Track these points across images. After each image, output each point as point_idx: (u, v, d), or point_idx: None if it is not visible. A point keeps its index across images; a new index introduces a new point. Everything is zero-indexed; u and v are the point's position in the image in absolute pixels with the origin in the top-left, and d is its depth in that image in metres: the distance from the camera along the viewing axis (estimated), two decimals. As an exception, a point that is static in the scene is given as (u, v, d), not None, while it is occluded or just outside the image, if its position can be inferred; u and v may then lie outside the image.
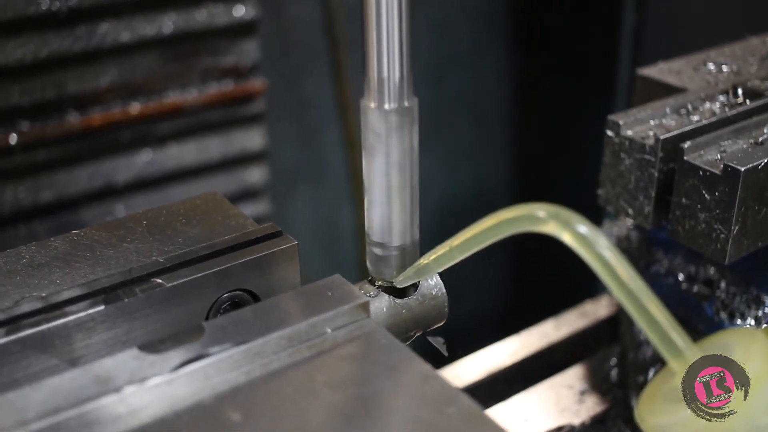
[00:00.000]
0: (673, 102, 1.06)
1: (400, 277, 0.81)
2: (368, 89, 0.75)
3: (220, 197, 0.90)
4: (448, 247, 0.76)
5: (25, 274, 0.78)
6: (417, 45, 2.67)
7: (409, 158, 0.78)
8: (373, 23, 0.72)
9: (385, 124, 0.75)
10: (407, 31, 0.73)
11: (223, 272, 0.77)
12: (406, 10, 0.72)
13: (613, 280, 0.69)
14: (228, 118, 1.86)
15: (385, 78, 0.74)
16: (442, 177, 2.66)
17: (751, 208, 0.93)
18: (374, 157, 0.77)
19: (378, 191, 0.78)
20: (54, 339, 0.71)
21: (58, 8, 1.59)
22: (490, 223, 0.72)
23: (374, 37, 0.72)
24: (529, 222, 0.69)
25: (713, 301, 1.11)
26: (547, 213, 0.68)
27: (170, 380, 0.65)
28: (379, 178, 0.77)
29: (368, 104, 0.75)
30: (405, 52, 0.74)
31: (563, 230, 0.68)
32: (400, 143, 0.76)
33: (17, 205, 1.69)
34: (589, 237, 0.67)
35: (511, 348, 1.30)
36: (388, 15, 0.71)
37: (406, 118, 0.76)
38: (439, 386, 0.66)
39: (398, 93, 0.75)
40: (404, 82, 0.75)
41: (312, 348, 0.71)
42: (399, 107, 0.75)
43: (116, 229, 0.84)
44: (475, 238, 0.74)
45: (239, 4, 1.78)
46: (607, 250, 0.68)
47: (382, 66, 0.73)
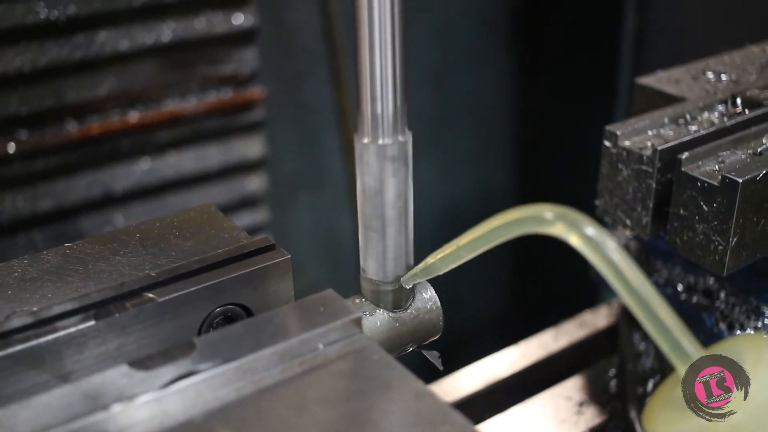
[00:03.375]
0: (671, 112, 1.05)
1: (407, 277, 0.81)
2: (362, 125, 0.75)
3: (215, 209, 0.90)
4: (455, 246, 0.76)
5: (17, 288, 0.77)
6: (419, 50, 2.67)
7: (404, 193, 0.78)
8: (366, 60, 0.72)
9: (380, 160, 0.75)
10: (401, 67, 0.73)
11: (216, 286, 0.77)
12: (400, 47, 0.72)
13: (621, 283, 0.67)
14: (227, 127, 1.85)
15: (379, 114, 0.74)
16: (444, 182, 2.66)
17: (749, 220, 0.93)
18: (369, 192, 0.77)
19: (374, 226, 0.78)
20: (44, 354, 0.71)
21: (56, 17, 1.59)
22: (498, 223, 0.71)
23: (368, 73, 0.73)
24: (537, 223, 0.68)
25: (712, 311, 1.10)
26: (555, 214, 0.67)
27: (160, 397, 0.65)
28: (374, 213, 0.78)
29: (362, 140, 0.76)
30: (399, 88, 0.74)
31: (570, 232, 0.66)
32: (394, 178, 0.77)
33: (16, 214, 1.69)
34: (597, 239, 0.66)
35: (510, 358, 1.30)
36: (382, 52, 0.72)
37: (400, 154, 0.76)
38: (432, 404, 0.65)
39: (392, 128, 0.75)
40: (398, 118, 0.75)
41: (304, 364, 0.70)
42: (393, 143, 0.75)
43: (109, 242, 0.84)
44: (483, 237, 0.73)
45: (238, 12, 1.78)
46: (615, 252, 0.66)
47: (375, 102, 0.74)
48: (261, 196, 1.96)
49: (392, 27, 0.71)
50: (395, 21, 0.71)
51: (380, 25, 0.71)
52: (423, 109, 2.54)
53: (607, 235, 0.67)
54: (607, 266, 0.67)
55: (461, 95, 2.63)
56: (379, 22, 0.71)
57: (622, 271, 0.67)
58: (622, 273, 0.67)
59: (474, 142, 2.72)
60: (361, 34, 0.72)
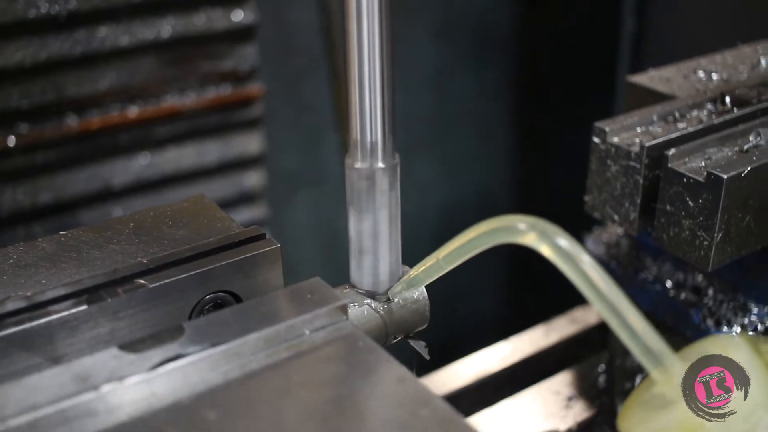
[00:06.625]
0: (660, 109, 1.07)
1: (392, 291, 0.84)
2: (352, 149, 0.78)
3: (208, 200, 0.91)
4: (435, 258, 0.79)
5: (12, 273, 0.79)
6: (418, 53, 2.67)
7: (394, 214, 0.81)
8: (356, 87, 0.75)
9: (369, 184, 0.79)
10: (390, 93, 0.76)
11: (206, 274, 0.78)
12: (388, 73, 0.75)
13: (591, 291, 0.69)
14: (226, 122, 1.87)
15: (368, 140, 0.77)
16: (444, 183, 2.67)
17: (734, 216, 0.94)
18: (359, 213, 0.81)
19: (365, 245, 0.82)
20: (37, 337, 0.72)
21: (57, 12, 1.61)
22: (473, 234, 0.74)
23: (357, 100, 0.75)
24: (510, 234, 0.71)
25: (700, 308, 1.11)
26: (527, 225, 0.70)
27: (148, 379, 0.66)
28: (365, 233, 0.81)
29: (352, 164, 0.79)
30: (387, 114, 0.76)
31: (542, 242, 0.69)
32: (384, 200, 0.80)
33: (16, 207, 1.71)
34: (567, 249, 0.68)
35: (501, 353, 1.31)
36: (371, 79, 0.74)
37: (388, 177, 0.79)
38: (414, 389, 0.67)
39: (381, 153, 0.78)
40: (387, 143, 0.78)
41: (290, 349, 0.71)
42: (382, 167, 0.78)
43: (103, 231, 0.85)
44: (460, 248, 0.76)
45: (238, 9, 1.79)
46: (584, 262, 0.69)
47: (365, 128, 0.77)
48: (259, 192, 1.97)
49: (381, 63, 0.74)
50: (384, 59, 0.74)
51: (369, 63, 0.74)
52: (423, 111, 2.55)
53: (576, 246, 0.69)
54: (577, 275, 0.69)
55: (461, 97, 2.64)
56: (368, 58, 0.74)
57: (592, 280, 0.69)
58: (592, 282, 0.69)
59: (473, 143, 2.73)
60: (352, 71, 0.75)
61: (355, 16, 0.73)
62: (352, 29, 0.73)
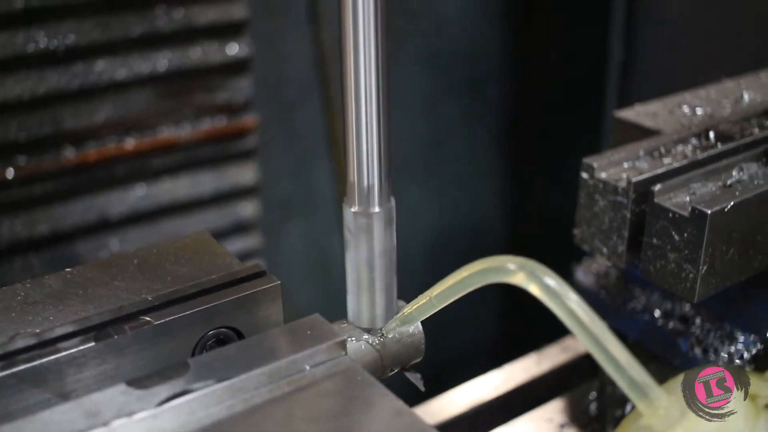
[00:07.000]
0: (647, 145, 1.09)
1: (387, 327, 0.87)
2: (349, 193, 0.81)
3: (208, 236, 0.94)
4: (428, 297, 0.82)
5: (20, 310, 0.81)
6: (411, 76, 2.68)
7: (389, 254, 0.84)
8: (352, 133, 0.78)
9: (366, 227, 0.81)
10: (386, 138, 0.79)
11: (209, 311, 0.81)
12: (385, 119, 0.78)
13: (578, 328, 0.73)
14: (221, 154, 1.89)
15: (365, 186, 0.80)
16: (436, 207, 2.69)
17: (718, 249, 0.97)
18: (356, 254, 0.83)
19: (362, 283, 0.84)
20: (47, 374, 0.75)
21: (55, 46, 1.64)
22: (465, 273, 0.78)
23: (354, 144, 0.78)
24: (500, 273, 0.74)
25: (688, 336, 1.14)
26: (517, 265, 0.73)
27: (156, 414, 0.69)
28: (362, 272, 0.84)
29: (349, 208, 0.82)
30: (384, 159, 0.79)
31: (530, 282, 0.72)
32: (380, 242, 0.82)
33: (13, 238, 1.73)
34: (555, 288, 0.71)
35: (494, 381, 1.33)
36: (368, 126, 0.77)
37: (384, 221, 0.82)
38: (410, 421, 0.70)
39: (378, 198, 0.81)
40: (383, 187, 0.80)
41: (291, 384, 0.74)
42: (378, 211, 0.81)
43: (108, 268, 0.87)
44: (452, 288, 0.79)
45: (233, 42, 1.82)
46: (571, 301, 0.72)
47: (362, 173, 0.79)
48: (254, 221, 1.99)
49: (378, 112, 0.77)
50: (381, 107, 0.77)
51: (366, 112, 0.77)
52: (415, 135, 2.58)
53: (564, 285, 0.72)
54: (564, 313, 0.72)
55: (453, 121, 2.67)
56: (365, 108, 0.77)
57: (579, 317, 0.72)
58: (579, 319, 0.72)
59: (466, 168, 2.76)
60: (349, 117, 0.77)
61: (353, 71, 0.76)
62: (349, 84, 0.76)
